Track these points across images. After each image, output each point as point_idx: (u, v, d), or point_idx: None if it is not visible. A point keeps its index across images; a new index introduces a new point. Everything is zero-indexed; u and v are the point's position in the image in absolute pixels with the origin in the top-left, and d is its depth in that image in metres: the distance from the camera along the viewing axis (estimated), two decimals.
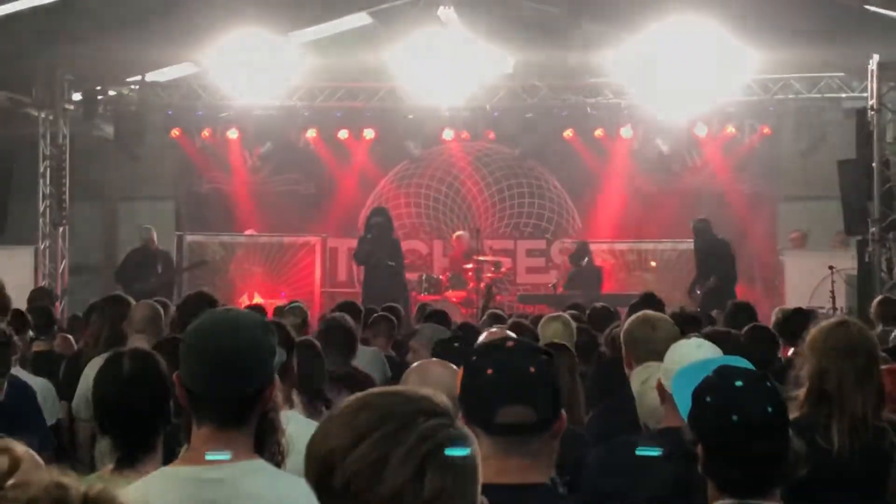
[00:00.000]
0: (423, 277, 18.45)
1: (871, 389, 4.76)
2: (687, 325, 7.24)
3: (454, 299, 17.96)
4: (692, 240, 17.65)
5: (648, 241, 19.94)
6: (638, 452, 4.17)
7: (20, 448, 1.85)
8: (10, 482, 1.77)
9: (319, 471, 2.00)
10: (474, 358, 3.12)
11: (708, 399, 3.35)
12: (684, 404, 3.56)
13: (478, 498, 2.05)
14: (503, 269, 19.17)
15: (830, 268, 15.32)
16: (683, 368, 4.04)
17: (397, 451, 1.96)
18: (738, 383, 3.34)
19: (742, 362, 3.76)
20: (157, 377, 4.01)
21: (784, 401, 3.41)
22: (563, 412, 3.10)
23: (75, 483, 1.75)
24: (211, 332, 3.28)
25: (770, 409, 3.29)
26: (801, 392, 4.83)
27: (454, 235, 19.66)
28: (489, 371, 3.03)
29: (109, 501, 1.76)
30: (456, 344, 5.75)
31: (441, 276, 18.72)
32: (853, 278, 15.28)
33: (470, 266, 18.34)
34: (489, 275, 18.77)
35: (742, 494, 3.32)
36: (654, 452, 4.10)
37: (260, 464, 3.30)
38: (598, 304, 11.19)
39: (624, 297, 14.79)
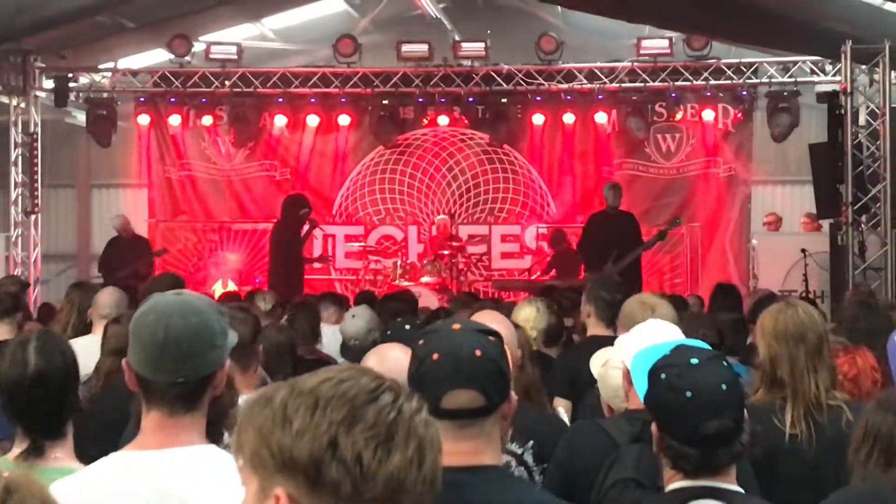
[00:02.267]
0: (398, 264, 18.42)
1: (822, 370, 4.78)
2: None
3: (429, 285, 17.92)
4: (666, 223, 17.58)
5: None
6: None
7: None
8: None
9: (314, 443, 1.92)
10: (420, 342, 3.09)
11: (663, 376, 3.34)
12: (642, 384, 3.56)
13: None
14: (478, 256, 19.22)
15: (803, 251, 15.36)
16: (643, 350, 4.04)
17: (399, 423, 1.96)
18: (694, 361, 3.34)
19: (700, 344, 3.75)
20: (65, 363, 3.95)
21: (739, 380, 3.40)
22: (513, 395, 3.09)
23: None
24: (159, 316, 3.23)
25: (724, 387, 3.28)
26: (755, 377, 4.86)
27: (435, 219, 19.61)
28: (434, 356, 3.00)
29: (33, 488, 1.74)
30: (407, 326, 5.72)
31: (416, 263, 18.70)
32: (826, 261, 15.32)
33: (446, 252, 18.33)
34: (464, 260, 18.76)
35: (695, 473, 3.31)
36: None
37: (212, 449, 3.27)
38: (574, 285, 11.15)
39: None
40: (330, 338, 8.31)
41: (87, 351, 6.65)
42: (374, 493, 1.91)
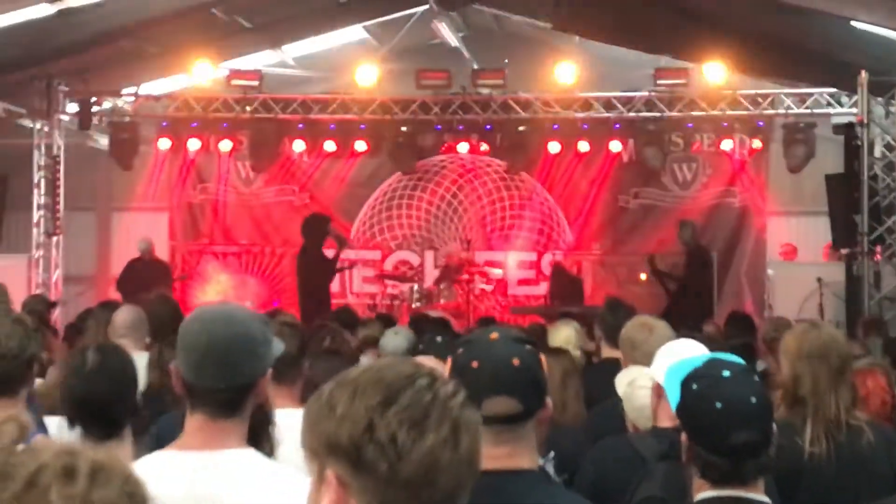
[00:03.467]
0: (414, 288, 18.53)
1: (844, 390, 4.86)
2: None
3: (445, 310, 17.99)
4: (682, 253, 17.80)
5: (638, 255, 20.03)
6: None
7: (26, 417, 1.91)
8: (20, 448, 1.83)
9: (354, 427, 2.02)
10: (460, 351, 3.20)
11: (694, 387, 3.45)
12: (674, 396, 3.66)
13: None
14: (494, 282, 19.34)
15: (819, 280, 15.42)
16: (677, 363, 4.14)
17: (434, 404, 2.03)
18: (725, 373, 3.44)
19: (733, 358, 3.86)
20: (121, 369, 4.08)
21: (768, 395, 3.50)
22: (549, 400, 3.20)
23: (84, 450, 1.83)
24: (205, 323, 3.37)
25: (754, 400, 3.38)
26: (777, 395, 4.94)
27: (447, 246, 19.74)
28: (474, 364, 3.11)
29: (117, 467, 1.84)
30: (439, 338, 5.85)
31: (431, 288, 18.80)
32: (841, 291, 15.38)
33: (462, 278, 18.44)
34: (482, 287, 18.88)
35: (723, 482, 3.40)
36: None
37: (252, 453, 3.38)
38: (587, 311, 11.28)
39: None
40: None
41: None
42: (409, 473, 1.99)
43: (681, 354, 4.51)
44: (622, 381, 5.35)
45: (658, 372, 4.58)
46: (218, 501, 3.26)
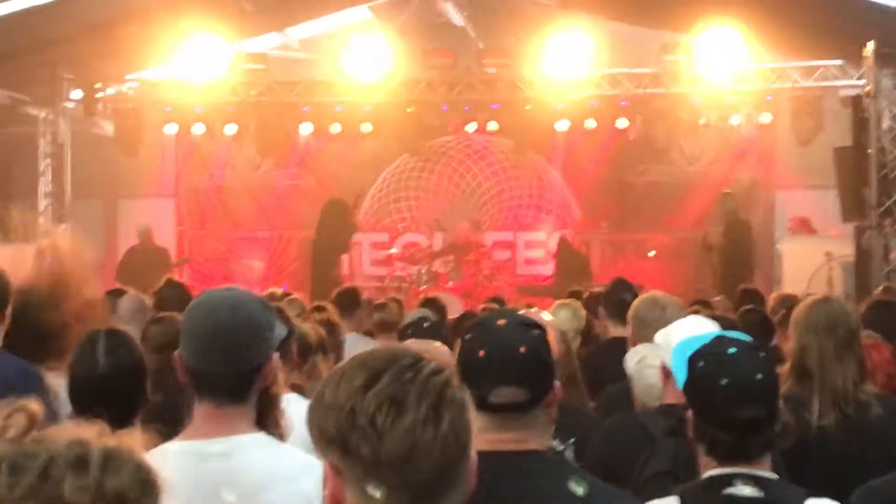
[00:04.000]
0: (423, 271, 18.52)
1: (851, 363, 4.84)
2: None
3: (455, 291, 18.02)
4: (691, 229, 17.77)
5: (646, 232, 20.05)
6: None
7: (36, 406, 1.90)
8: (31, 437, 1.82)
9: (339, 414, 2.03)
10: (467, 337, 3.19)
11: (700, 363, 3.44)
12: (681, 373, 3.65)
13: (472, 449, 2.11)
14: (502, 261, 19.36)
15: (827, 254, 15.38)
16: (685, 340, 4.12)
17: (415, 383, 2.02)
18: (731, 350, 3.43)
19: (739, 335, 3.84)
20: (131, 356, 4.06)
21: (774, 371, 3.48)
22: (557, 384, 3.18)
23: (95, 438, 1.82)
24: (210, 309, 3.34)
25: (760, 377, 3.37)
26: (785, 368, 4.92)
27: (456, 226, 19.73)
28: (480, 353, 3.10)
29: (129, 454, 1.83)
30: (426, 324, 5.84)
31: (440, 269, 18.79)
32: (850, 265, 15.33)
33: (470, 258, 18.43)
34: (489, 266, 18.86)
35: (729, 458, 3.39)
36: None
37: (262, 437, 3.37)
38: (595, 290, 11.22)
39: None
40: None
41: None
42: (390, 453, 1.99)
43: (689, 332, 4.50)
44: (631, 360, 5.32)
45: (666, 350, 4.56)
46: (229, 488, 3.25)
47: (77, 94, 19.15)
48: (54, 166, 18.77)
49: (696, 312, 9.07)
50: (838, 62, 18.14)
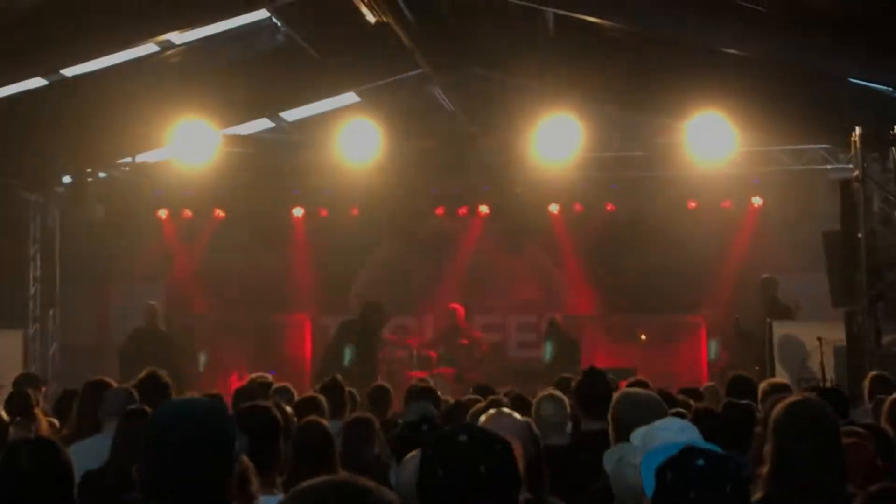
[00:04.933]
0: (413, 354, 18.44)
1: (831, 464, 4.76)
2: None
3: (445, 375, 17.92)
4: (681, 313, 17.71)
5: (638, 315, 20.00)
6: None
7: None
8: None
9: None
10: (426, 454, 3.12)
11: (669, 475, 3.37)
12: (650, 484, 3.58)
13: None
14: (493, 345, 19.30)
15: (819, 339, 15.30)
16: (654, 449, 4.05)
17: None
18: (700, 462, 3.36)
19: (710, 445, 3.77)
20: (57, 468, 3.97)
21: (745, 482, 3.41)
22: (519, 500, 3.11)
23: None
24: (172, 420, 3.29)
25: (729, 489, 3.29)
26: (763, 470, 4.84)
27: (446, 310, 19.70)
28: (440, 472, 3.04)
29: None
30: (424, 427, 5.66)
31: (430, 353, 18.70)
32: (842, 349, 15.24)
33: (461, 342, 18.35)
34: (480, 350, 18.77)
35: None
36: None
37: None
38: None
39: (614, 371, 14.75)
40: None
41: (95, 450, 6.70)
42: None
43: (666, 436, 4.43)
44: (611, 458, 5.23)
45: (643, 451, 4.49)
46: None
47: (68, 178, 19.17)
48: (44, 250, 18.75)
49: (684, 402, 9.07)
50: (826, 146, 18.24)
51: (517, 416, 5.09)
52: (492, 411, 5.16)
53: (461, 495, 3.00)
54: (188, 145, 18.41)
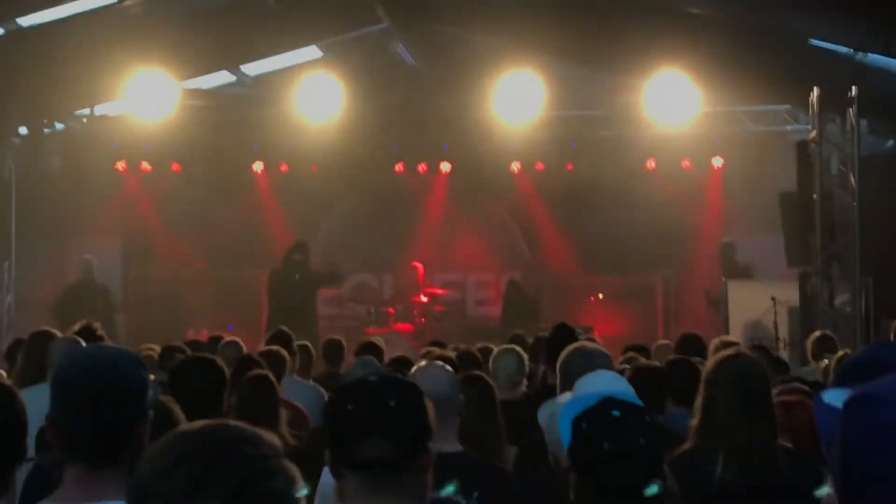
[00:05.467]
0: (372, 310, 18.43)
1: (759, 420, 4.80)
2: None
3: (403, 332, 17.94)
4: (639, 273, 17.75)
5: (596, 274, 20.06)
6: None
7: None
8: None
9: (136, 498, 1.95)
10: (337, 394, 3.12)
11: (583, 425, 3.37)
12: (566, 435, 3.57)
13: None
14: (451, 302, 19.29)
15: (773, 299, 15.39)
16: (573, 401, 4.04)
17: (213, 477, 1.91)
18: (615, 413, 3.35)
19: (629, 397, 3.77)
20: (11, 412, 3.92)
21: (659, 436, 3.40)
22: (431, 447, 3.09)
23: None
24: (83, 368, 3.25)
25: (642, 441, 3.29)
26: (693, 422, 4.88)
27: (405, 268, 19.70)
28: (349, 406, 3.03)
29: None
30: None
31: (389, 309, 18.68)
32: (796, 310, 15.34)
33: (419, 299, 18.34)
34: (439, 307, 18.78)
35: None
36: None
37: None
38: (541, 334, 11.10)
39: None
40: None
41: (42, 399, 6.64)
42: None
43: (598, 388, 4.41)
44: (544, 413, 5.22)
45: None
46: None
47: (24, 129, 18.99)
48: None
49: (631, 359, 9.10)
50: (787, 107, 18.27)
51: (447, 368, 5.09)
52: (422, 363, 5.17)
53: (369, 426, 2.99)
54: (147, 97, 18.27)
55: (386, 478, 3.01)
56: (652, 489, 3.25)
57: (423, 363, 5.18)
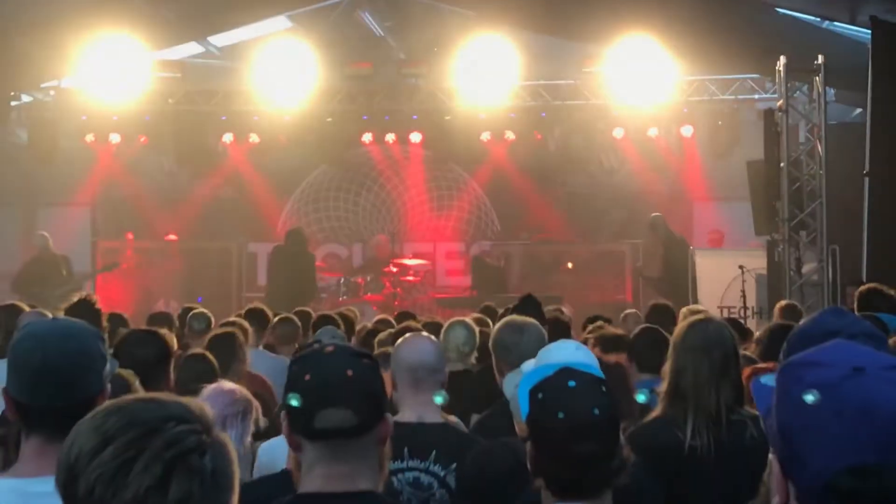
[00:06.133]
0: (342, 281, 18.42)
1: (726, 386, 4.84)
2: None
3: (372, 303, 17.94)
4: (607, 242, 17.79)
5: (565, 243, 20.12)
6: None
7: None
8: None
9: (65, 477, 1.95)
10: (294, 365, 3.12)
11: (539, 395, 3.36)
12: (524, 405, 3.58)
13: None
14: (421, 273, 19.28)
15: (741, 267, 15.45)
16: (531, 371, 4.06)
17: (143, 455, 1.92)
18: (571, 383, 3.35)
19: (588, 367, 3.78)
20: None
21: (615, 406, 3.41)
22: (388, 417, 3.11)
23: None
24: (38, 341, 3.25)
25: (597, 412, 3.29)
26: (662, 388, 4.92)
27: (374, 238, 19.72)
28: (307, 377, 3.04)
29: None
30: (315, 344, 5.69)
31: (359, 280, 18.67)
32: (763, 278, 15.41)
33: (389, 269, 18.34)
34: (409, 278, 18.79)
35: (566, 494, 3.32)
36: None
37: None
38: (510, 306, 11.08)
39: (541, 299, 14.79)
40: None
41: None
42: None
43: (554, 359, 4.43)
44: (510, 384, 5.25)
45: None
46: None
47: None
48: None
49: (598, 328, 9.14)
50: (755, 75, 18.31)
51: (433, 339, 5.13)
52: (408, 335, 5.18)
53: (328, 396, 3.00)
54: (114, 70, 18.16)
55: (345, 447, 3.03)
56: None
57: (408, 335, 5.18)
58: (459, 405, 6.11)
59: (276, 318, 10.15)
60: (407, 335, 5.19)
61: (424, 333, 5.37)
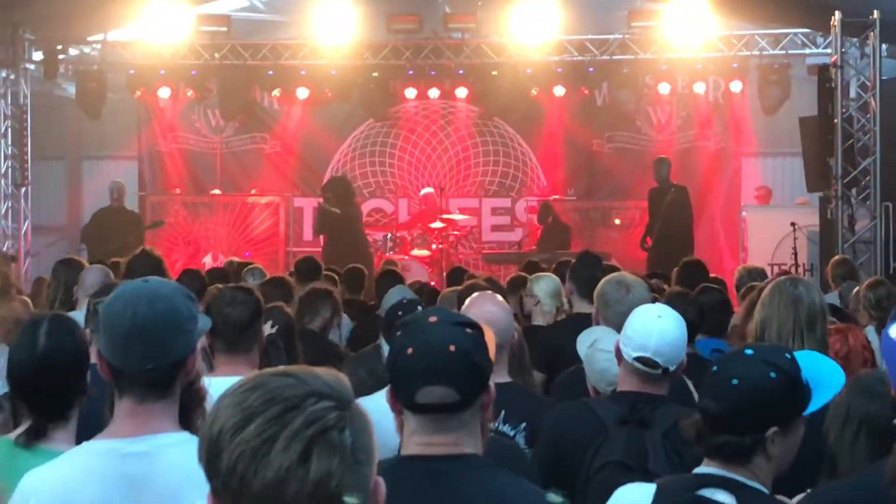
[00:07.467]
0: (388, 237, 18.40)
1: (811, 342, 4.80)
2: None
3: (419, 258, 17.92)
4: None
5: (613, 199, 20.04)
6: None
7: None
8: None
9: (208, 452, 1.95)
10: (397, 335, 3.08)
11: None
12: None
13: (371, 481, 2.00)
14: (468, 228, 19.27)
15: (792, 224, 15.35)
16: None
17: (284, 432, 1.91)
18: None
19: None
20: (74, 349, 3.93)
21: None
22: (491, 385, 3.08)
23: None
24: (128, 302, 3.23)
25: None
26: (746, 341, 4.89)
27: (421, 193, 19.67)
28: (409, 351, 3.00)
29: None
30: (420, 307, 5.55)
31: (406, 235, 18.64)
32: (815, 235, 15.30)
33: (436, 225, 18.29)
34: (455, 233, 18.75)
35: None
36: None
37: (184, 436, 3.25)
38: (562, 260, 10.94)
39: None
40: None
41: None
42: (253, 500, 1.91)
43: (650, 325, 4.36)
44: (584, 343, 5.20)
45: (625, 341, 4.44)
46: (149, 489, 3.17)
47: (38, 55, 18.92)
48: (15, 128, 18.49)
49: (657, 286, 9.08)
50: (806, 31, 18.10)
51: (501, 299, 5.07)
52: (475, 295, 5.08)
53: (429, 373, 2.96)
54: (160, 23, 18.14)
55: (447, 419, 3.01)
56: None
57: (475, 295, 5.08)
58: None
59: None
60: (475, 295, 5.11)
61: (489, 292, 5.28)
